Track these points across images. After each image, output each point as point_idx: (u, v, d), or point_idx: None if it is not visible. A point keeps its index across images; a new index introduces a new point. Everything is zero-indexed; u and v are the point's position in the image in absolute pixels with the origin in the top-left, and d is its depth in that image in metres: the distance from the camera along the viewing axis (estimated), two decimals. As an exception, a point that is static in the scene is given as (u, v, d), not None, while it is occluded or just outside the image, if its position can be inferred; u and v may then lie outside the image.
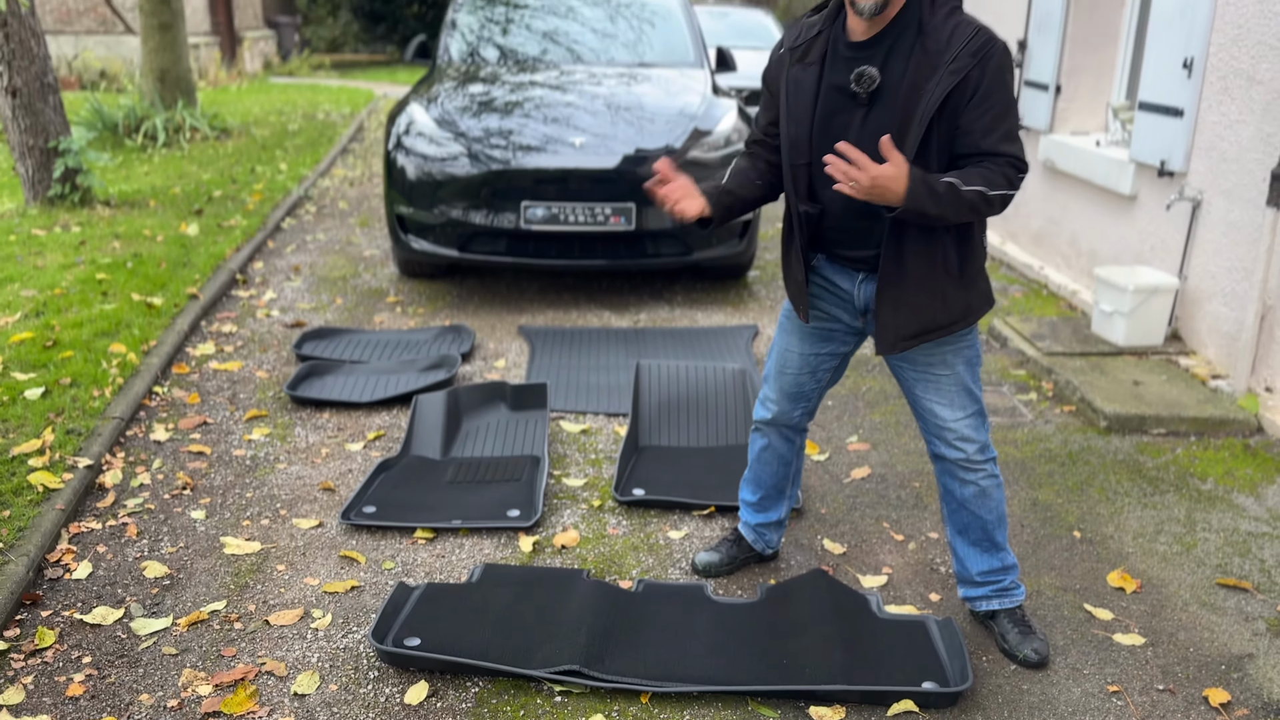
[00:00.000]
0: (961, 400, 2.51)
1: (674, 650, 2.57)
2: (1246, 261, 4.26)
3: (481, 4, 6.66)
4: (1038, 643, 2.58)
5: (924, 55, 2.25)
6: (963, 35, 2.23)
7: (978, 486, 2.56)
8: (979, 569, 2.66)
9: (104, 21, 16.25)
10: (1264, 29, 4.16)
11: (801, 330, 2.67)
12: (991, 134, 2.24)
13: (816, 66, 2.39)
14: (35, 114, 6.76)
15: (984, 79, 2.22)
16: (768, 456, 2.87)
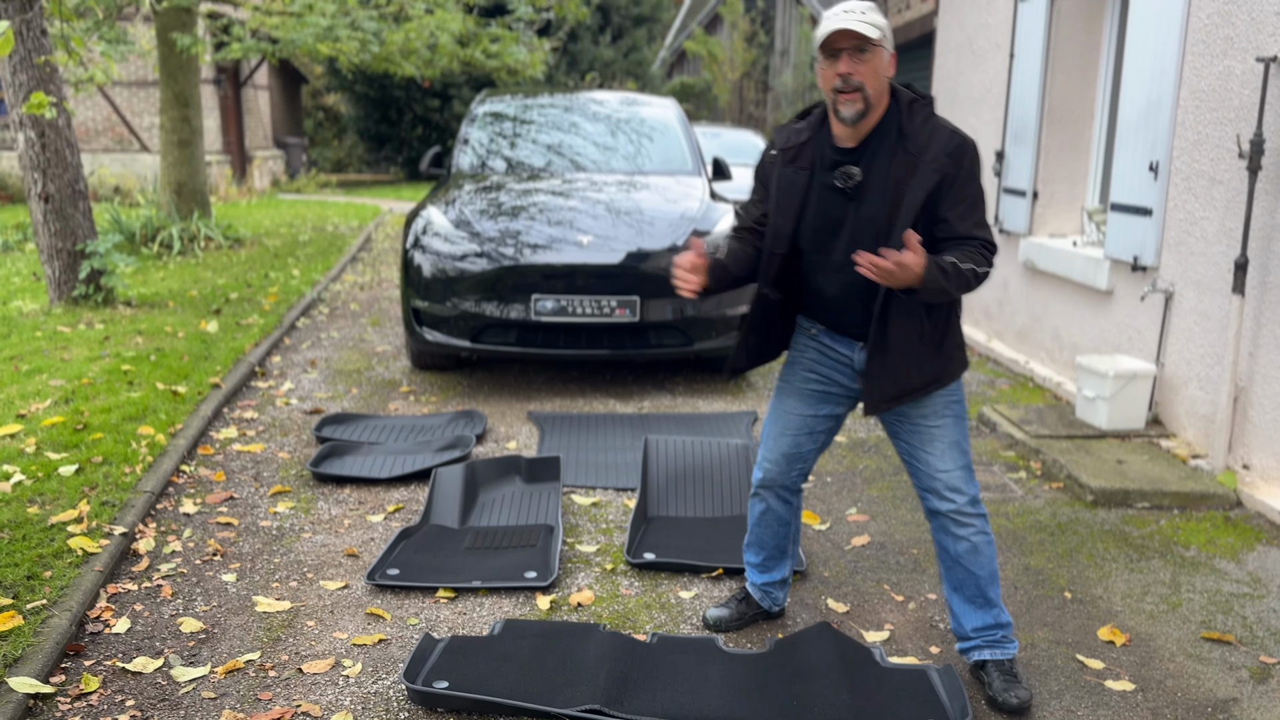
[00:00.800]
0: (951, 453, 2.73)
1: (689, 694, 2.71)
2: (1218, 347, 4.53)
3: (491, 120, 7.10)
4: (1021, 690, 2.71)
5: (905, 155, 2.56)
6: (940, 138, 2.55)
7: (970, 543, 2.74)
8: (973, 625, 2.82)
9: (121, 140, 16.90)
10: (1220, 134, 4.54)
11: (801, 394, 2.89)
12: (966, 220, 2.56)
13: (806, 171, 2.69)
14: (65, 219, 7.09)
15: (959, 175, 2.54)
16: (768, 519, 3.05)
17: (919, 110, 2.60)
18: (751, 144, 13.49)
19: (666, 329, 5.48)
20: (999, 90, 6.97)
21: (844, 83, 2.54)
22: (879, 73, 2.56)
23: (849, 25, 2.50)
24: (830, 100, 2.60)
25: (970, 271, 2.51)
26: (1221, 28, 4.54)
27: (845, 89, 2.54)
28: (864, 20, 2.52)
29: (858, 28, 2.50)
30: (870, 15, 2.55)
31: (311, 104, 28.02)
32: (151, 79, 16.51)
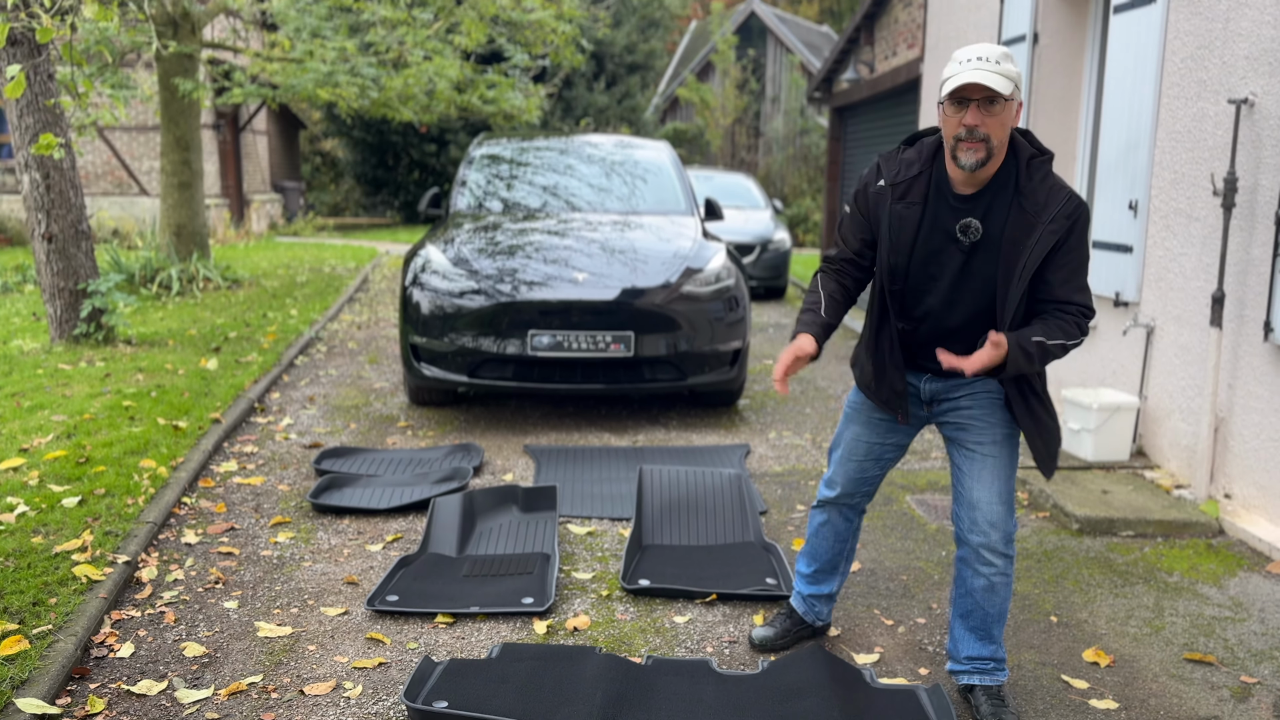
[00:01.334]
0: (1000, 487, 2.75)
1: (683, 714, 2.77)
2: (1198, 380, 4.64)
3: (489, 162, 7.25)
4: (1009, 715, 2.77)
5: (1021, 214, 2.54)
6: (1058, 199, 2.53)
7: (989, 581, 2.78)
8: (968, 653, 2.88)
9: (120, 183, 17.09)
10: (1196, 173, 4.69)
11: (871, 421, 2.92)
12: (1068, 285, 2.58)
13: (919, 207, 2.64)
14: (68, 258, 7.21)
15: (1071, 238, 2.54)
16: (826, 532, 3.11)
17: (1038, 168, 2.57)
18: (743, 187, 13.69)
19: (661, 364, 5.58)
20: (984, 133, 7.14)
21: (969, 133, 2.49)
22: (1006, 125, 2.52)
23: (982, 80, 2.43)
24: (950, 145, 2.55)
25: (1058, 346, 2.56)
26: (1195, 71, 4.71)
27: (970, 139, 2.50)
28: (998, 72, 2.45)
29: (991, 82, 2.43)
30: (1004, 65, 2.47)
31: (309, 149, 28.34)
32: (151, 124, 16.74)
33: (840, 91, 11.80)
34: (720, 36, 26.93)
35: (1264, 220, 4.18)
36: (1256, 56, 4.27)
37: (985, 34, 7.13)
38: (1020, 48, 6.44)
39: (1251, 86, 4.29)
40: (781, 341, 8.98)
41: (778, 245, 12.08)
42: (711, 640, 3.27)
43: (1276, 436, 4.14)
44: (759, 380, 7.16)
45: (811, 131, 24.13)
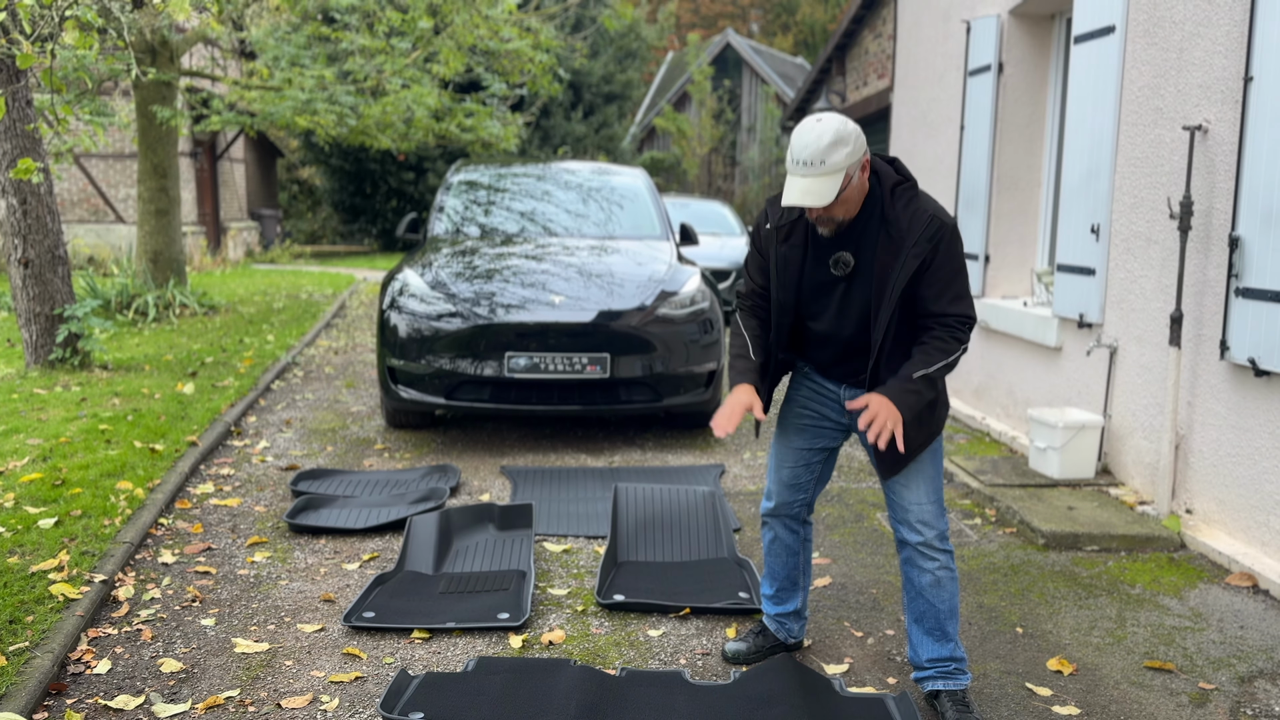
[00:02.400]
0: (926, 488, 2.90)
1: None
2: (1159, 398, 4.76)
3: (467, 188, 7.34)
4: (973, 718, 2.85)
5: (888, 240, 2.70)
6: (920, 222, 2.67)
7: (934, 576, 2.90)
8: (929, 655, 2.96)
9: (96, 211, 17.06)
10: (1154, 197, 4.83)
11: (796, 429, 3.08)
12: (942, 298, 2.72)
13: (800, 248, 2.84)
14: (44, 284, 7.21)
15: (937, 256, 2.69)
16: (777, 548, 3.20)
17: (901, 194, 2.71)
18: (719, 214, 13.85)
19: (636, 385, 5.66)
20: (951, 160, 7.31)
21: (817, 217, 2.71)
22: (848, 200, 2.68)
23: (805, 203, 2.58)
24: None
25: (941, 367, 2.71)
26: (1152, 99, 4.86)
27: (820, 221, 2.71)
28: (823, 173, 2.57)
29: (816, 200, 2.57)
30: (831, 158, 2.56)
31: (286, 177, 28.36)
32: (128, 151, 16.74)
33: (813, 120, 12.02)
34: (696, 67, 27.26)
35: (1218, 243, 4.32)
36: (1209, 85, 4.42)
37: (953, 64, 7.31)
38: (986, 77, 6.61)
39: (1205, 114, 4.44)
40: (756, 365, 9.07)
41: (753, 271, 12.19)
42: (685, 653, 3.32)
43: (1234, 452, 4.25)
44: (734, 403, 7.25)
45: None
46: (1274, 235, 3.93)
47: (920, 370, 2.71)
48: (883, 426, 2.68)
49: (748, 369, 2.96)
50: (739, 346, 3.01)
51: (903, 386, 2.70)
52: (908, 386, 2.70)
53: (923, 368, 2.71)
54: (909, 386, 2.70)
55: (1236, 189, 4.14)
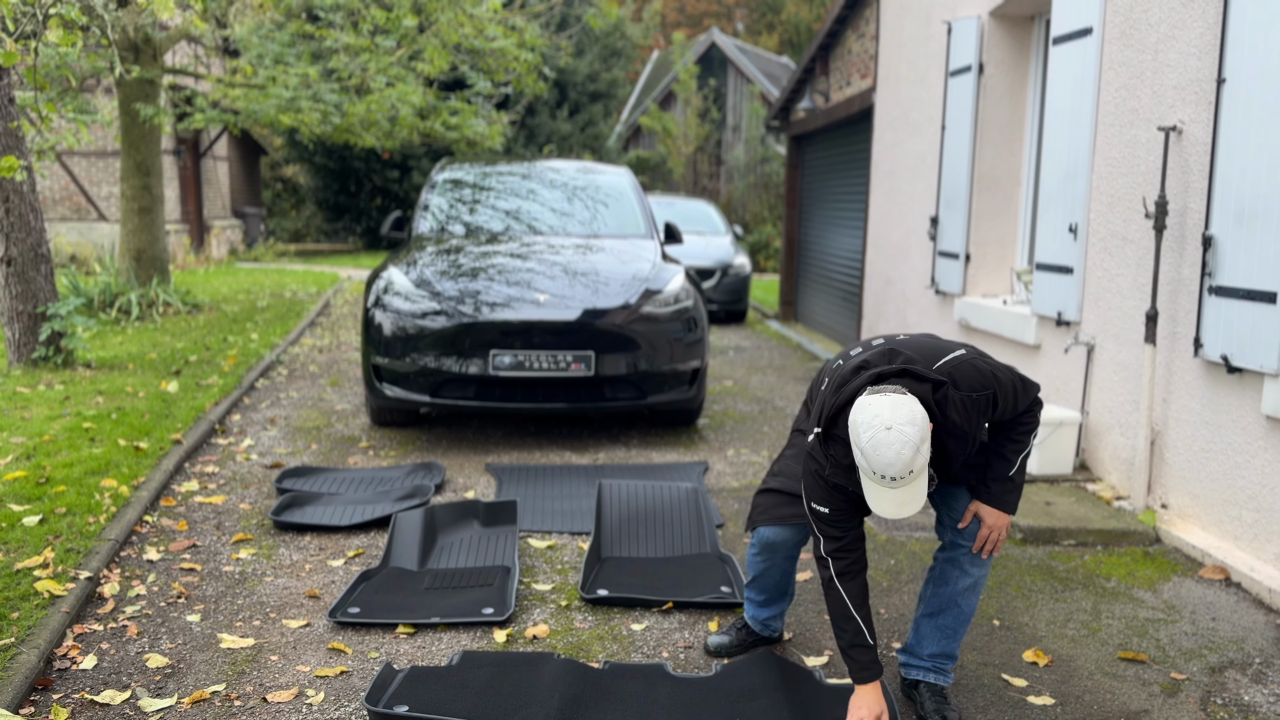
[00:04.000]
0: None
1: (638, 715, 2.86)
2: (1135, 395, 4.83)
3: (451, 187, 7.36)
4: (951, 712, 2.89)
5: (953, 439, 2.63)
6: (973, 413, 2.61)
7: (973, 580, 2.93)
8: (932, 651, 2.99)
9: (78, 209, 16.97)
10: (1130, 197, 4.90)
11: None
12: (1014, 411, 2.75)
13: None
14: (27, 282, 7.19)
15: (996, 408, 2.68)
16: (774, 572, 3.20)
17: (945, 404, 2.59)
18: (704, 213, 13.90)
19: (621, 383, 5.69)
20: (932, 160, 7.37)
21: None
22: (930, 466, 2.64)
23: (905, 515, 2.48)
24: None
25: (1024, 457, 2.82)
26: (1128, 100, 4.93)
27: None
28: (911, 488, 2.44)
29: (914, 510, 2.48)
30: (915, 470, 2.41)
31: (270, 175, 28.25)
32: (110, 149, 16.66)
33: (797, 120, 12.06)
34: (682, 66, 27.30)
35: (1192, 241, 4.39)
36: (1184, 86, 4.49)
37: (934, 64, 7.37)
38: (967, 78, 6.68)
39: (1180, 115, 4.51)
40: (742, 364, 9.12)
41: (738, 270, 12.27)
42: (667, 646, 3.36)
43: (1208, 448, 4.32)
44: (718, 400, 7.30)
45: (772, 160, 24.49)
46: (1246, 234, 4.00)
47: (1014, 469, 2.81)
48: (997, 539, 2.85)
49: (871, 660, 2.70)
50: (847, 626, 2.72)
51: (1004, 489, 2.81)
52: (1008, 487, 2.81)
53: (1016, 459, 2.81)
54: (1009, 487, 2.81)
55: (1210, 189, 4.21)
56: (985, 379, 2.66)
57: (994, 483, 2.82)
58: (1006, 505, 2.83)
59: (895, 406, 2.42)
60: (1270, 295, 3.87)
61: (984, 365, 2.70)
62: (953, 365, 2.66)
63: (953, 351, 2.71)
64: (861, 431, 2.42)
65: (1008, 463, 2.81)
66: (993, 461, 2.82)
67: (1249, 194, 3.98)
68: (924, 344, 2.74)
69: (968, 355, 2.70)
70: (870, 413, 2.42)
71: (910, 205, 7.88)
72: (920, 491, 2.46)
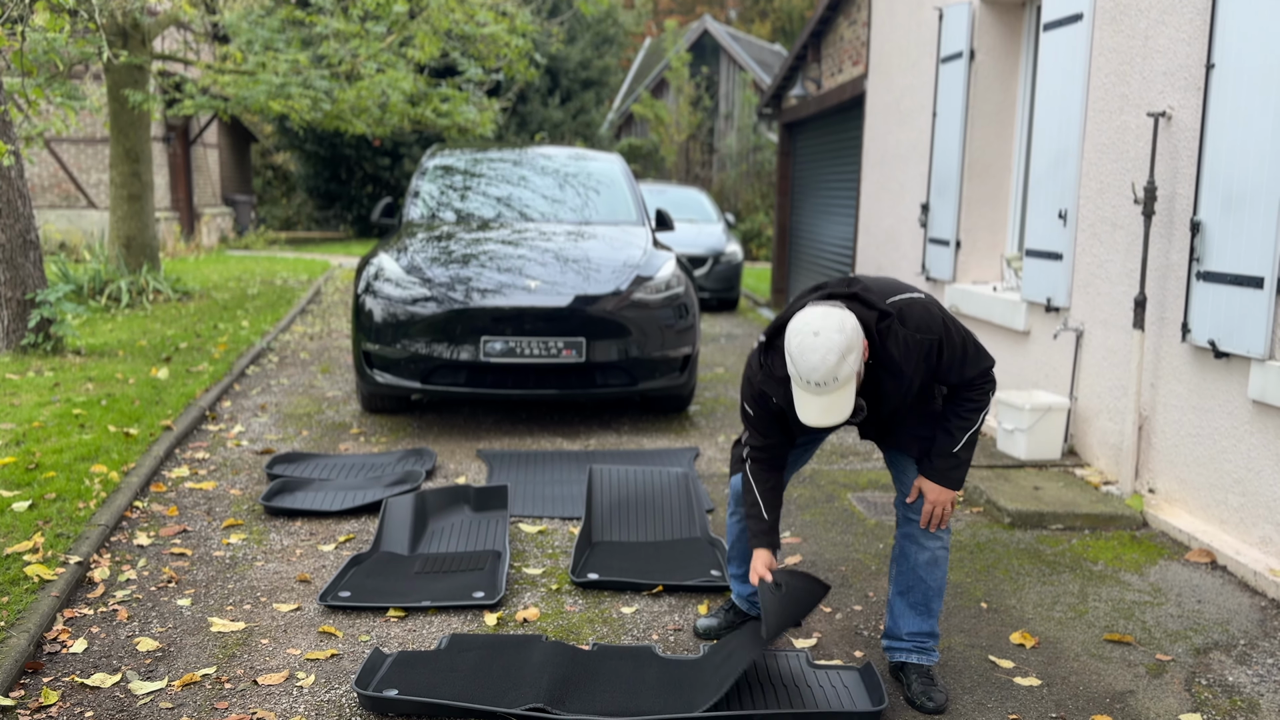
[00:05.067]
0: None
1: (626, 694, 2.88)
2: (1123, 380, 4.86)
3: (442, 173, 7.34)
4: (938, 693, 2.92)
5: (890, 376, 2.70)
6: (912, 351, 2.65)
7: (932, 554, 2.97)
8: (909, 629, 3.02)
9: (67, 196, 16.88)
10: (1120, 183, 4.92)
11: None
12: (961, 374, 2.75)
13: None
14: (16, 268, 7.16)
15: (940, 358, 2.71)
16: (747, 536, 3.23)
17: (887, 334, 2.65)
18: (696, 200, 13.88)
19: (612, 369, 5.70)
20: (923, 147, 7.38)
21: None
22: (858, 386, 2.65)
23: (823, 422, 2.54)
24: None
25: (974, 433, 2.80)
26: (1118, 86, 4.94)
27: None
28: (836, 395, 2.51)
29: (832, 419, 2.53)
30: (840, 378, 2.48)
31: (261, 162, 28.13)
32: (99, 136, 16.57)
33: (789, 107, 12.04)
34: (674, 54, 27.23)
35: (1181, 227, 4.41)
36: (1173, 72, 4.50)
37: (925, 51, 7.37)
38: (958, 64, 6.68)
39: (1169, 100, 4.53)
40: (733, 351, 9.14)
41: (730, 258, 12.27)
42: (657, 629, 3.38)
43: (1195, 433, 4.35)
44: (709, 387, 7.31)
45: (764, 148, 24.46)
46: (1234, 220, 4.02)
47: (961, 441, 2.81)
48: (941, 514, 2.87)
49: (762, 531, 2.93)
50: (751, 505, 2.95)
51: (948, 464, 2.82)
52: (952, 463, 2.82)
53: (962, 436, 2.79)
54: (952, 463, 2.82)
55: (1198, 174, 4.23)
56: (934, 324, 2.69)
57: (937, 458, 2.83)
58: (949, 480, 2.84)
59: (826, 315, 2.52)
60: (1257, 280, 3.89)
61: (936, 312, 2.72)
62: (905, 303, 2.71)
63: (910, 292, 2.76)
64: (792, 337, 2.54)
65: (952, 438, 2.81)
66: (939, 435, 2.84)
67: (1237, 180, 4.00)
68: (887, 282, 2.81)
69: (923, 299, 2.74)
70: (802, 320, 2.54)
71: (902, 192, 7.88)
72: (844, 403, 2.52)
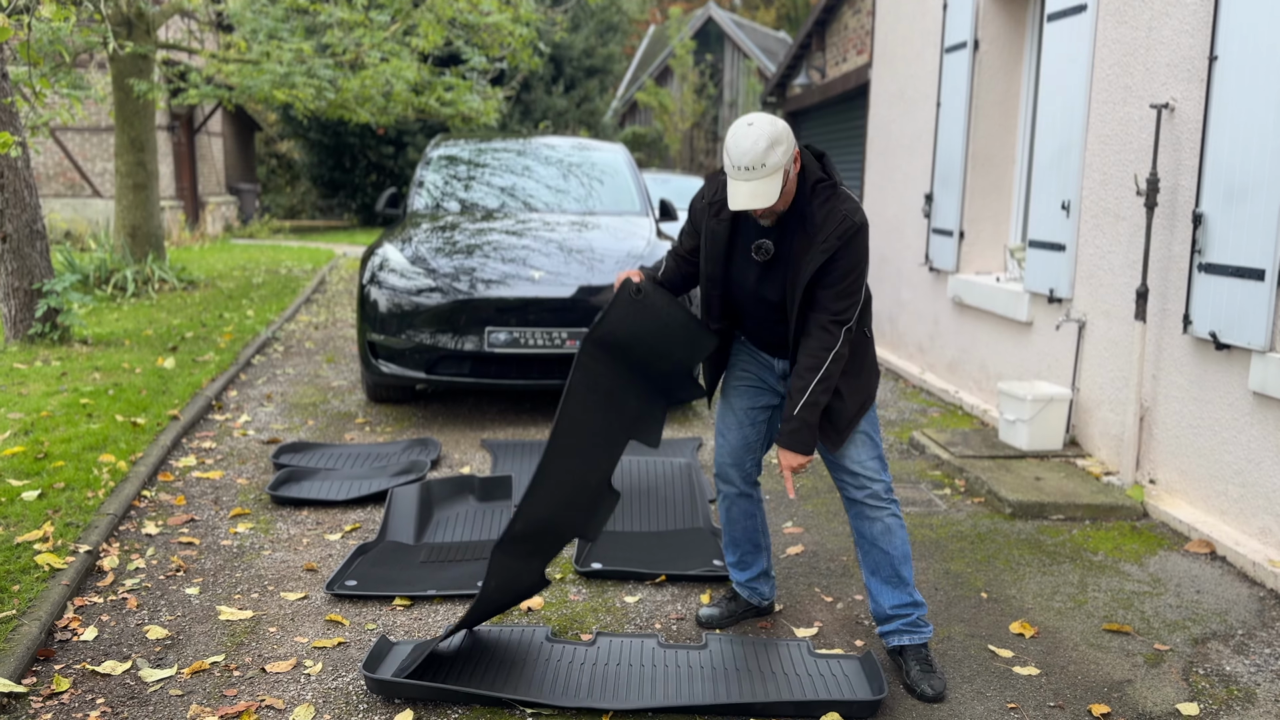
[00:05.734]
0: (866, 447, 3.05)
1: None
2: (1125, 371, 4.87)
3: (446, 163, 7.35)
4: (936, 680, 2.96)
5: (804, 234, 2.85)
6: (833, 220, 2.81)
7: (883, 523, 3.03)
8: (890, 603, 3.08)
9: (73, 185, 16.92)
10: (1123, 174, 4.92)
11: (738, 390, 3.20)
12: (828, 293, 2.84)
13: (728, 224, 2.97)
14: (23, 258, 7.20)
15: (840, 253, 2.81)
16: (735, 514, 3.30)
17: (821, 193, 2.84)
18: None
19: (614, 360, 5.71)
20: (927, 137, 7.38)
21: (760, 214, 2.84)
22: (788, 192, 2.82)
23: (749, 206, 2.71)
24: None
25: (818, 388, 2.85)
26: (1121, 78, 4.95)
27: (762, 214, 2.84)
28: (763, 177, 2.70)
29: (758, 203, 2.71)
30: (770, 158, 2.68)
31: (265, 151, 28.13)
32: (104, 125, 16.59)
33: (794, 96, 12.03)
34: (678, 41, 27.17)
35: (1183, 219, 4.42)
36: (1176, 64, 4.50)
37: (930, 40, 7.37)
38: (962, 54, 6.68)
39: (1172, 92, 4.53)
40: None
41: (733, 247, 12.26)
42: (660, 618, 3.41)
43: (1196, 424, 4.37)
44: (712, 377, 7.33)
45: (768, 136, 24.38)
46: (1235, 212, 4.03)
47: (800, 403, 2.86)
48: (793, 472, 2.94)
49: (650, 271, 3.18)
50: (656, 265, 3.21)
51: (789, 426, 2.87)
52: (794, 425, 2.88)
53: (801, 397, 2.86)
54: (794, 425, 2.88)
55: (1200, 166, 4.24)
56: (859, 221, 2.81)
57: (783, 422, 2.91)
58: (794, 443, 2.89)
59: (762, 115, 2.78)
60: (1258, 272, 3.90)
61: (865, 228, 2.83)
62: (850, 194, 2.87)
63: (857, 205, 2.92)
64: (730, 132, 2.77)
65: (798, 390, 2.86)
66: (788, 397, 2.90)
67: (1238, 172, 4.01)
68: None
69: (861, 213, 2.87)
70: (742, 117, 2.78)
71: (905, 182, 7.89)
72: (770, 191, 2.70)
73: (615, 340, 2.99)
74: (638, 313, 3.00)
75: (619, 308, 2.98)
